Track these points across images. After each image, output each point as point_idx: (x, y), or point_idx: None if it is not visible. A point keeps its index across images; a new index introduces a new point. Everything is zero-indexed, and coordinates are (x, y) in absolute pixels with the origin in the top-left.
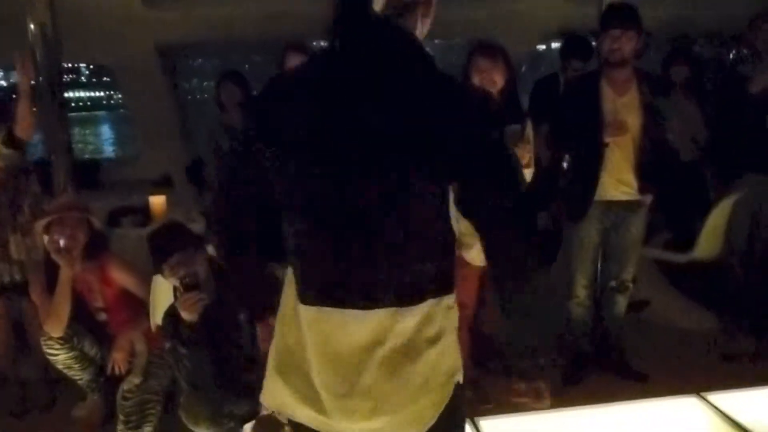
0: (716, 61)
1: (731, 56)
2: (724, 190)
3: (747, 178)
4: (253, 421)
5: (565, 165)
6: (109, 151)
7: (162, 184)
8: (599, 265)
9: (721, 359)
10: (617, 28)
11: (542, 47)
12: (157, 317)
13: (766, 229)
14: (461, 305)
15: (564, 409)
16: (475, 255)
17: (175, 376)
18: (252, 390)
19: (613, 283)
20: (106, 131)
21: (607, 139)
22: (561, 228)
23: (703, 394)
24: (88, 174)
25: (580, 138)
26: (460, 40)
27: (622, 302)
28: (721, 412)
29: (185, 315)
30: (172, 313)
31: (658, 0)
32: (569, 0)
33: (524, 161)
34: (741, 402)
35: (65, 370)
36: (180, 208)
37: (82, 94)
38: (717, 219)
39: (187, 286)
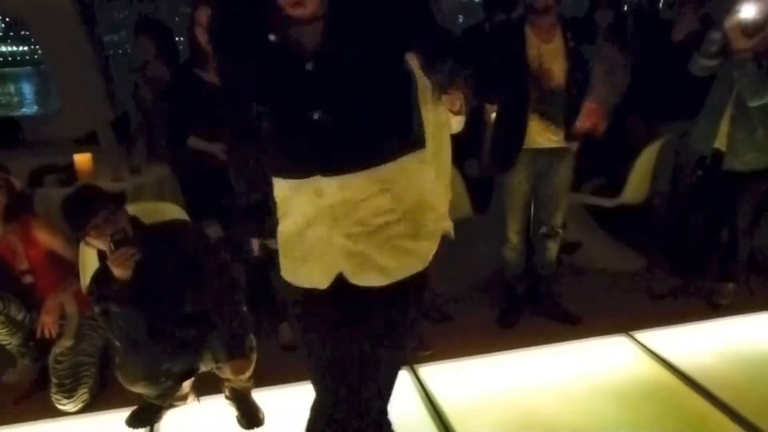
0: (641, 8)
1: (659, 3)
2: (649, 136)
3: (670, 124)
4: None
5: (492, 115)
6: (29, 108)
7: (87, 142)
8: (531, 211)
9: (648, 298)
10: None
11: None
12: (87, 278)
13: (688, 173)
14: None
15: (499, 352)
16: None
17: (108, 338)
18: (187, 347)
19: (543, 229)
20: (26, 88)
21: (532, 89)
22: (491, 175)
23: (631, 332)
24: (7, 133)
25: (507, 86)
26: None
27: (553, 247)
28: (647, 349)
29: (118, 272)
30: (100, 276)
31: None
32: None
33: (455, 108)
34: (665, 338)
35: None
36: (107, 166)
37: None
38: (643, 164)
39: (118, 242)
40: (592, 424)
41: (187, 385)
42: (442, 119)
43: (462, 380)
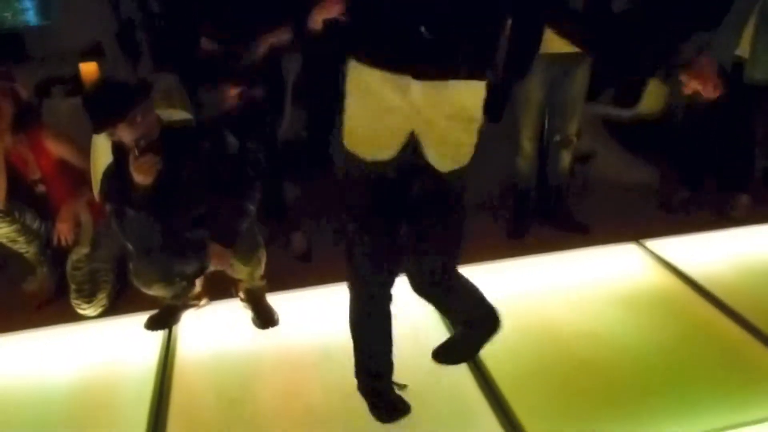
0: None
1: None
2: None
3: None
4: None
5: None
6: (31, 20)
7: (92, 54)
8: (545, 120)
9: (659, 208)
10: None
11: None
12: (98, 173)
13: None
14: None
15: (508, 259)
16: None
17: (122, 244)
18: (198, 247)
19: (557, 138)
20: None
21: None
22: (508, 83)
23: (641, 240)
24: (10, 47)
25: None
26: None
27: (566, 157)
28: (657, 256)
29: (140, 179)
30: (114, 175)
31: None
32: None
33: None
34: (675, 247)
35: (10, 244)
36: (113, 77)
37: None
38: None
39: (143, 149)
40: (599, 328)
41: (199, 284)
42: None
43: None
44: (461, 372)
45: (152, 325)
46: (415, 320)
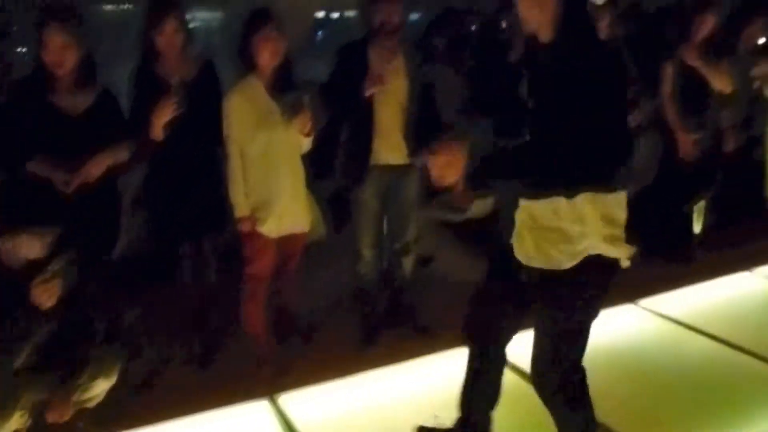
0: (481, 30)
1: (501, 26)
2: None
3: (509, 139)
4: None
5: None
6: None
7: None
8: (385, 227)
9: None
10: (386, 2)
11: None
12: None
13: None
14: (255, 278)
15: (361, 372)
16: (271, 226)
17: None
18: None
19: (396, 246)
20: None
21: (368, 92)
22: (345, 193)
23: None
24: None
25: (352, 105)
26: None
27: (407, 263)
28: None
29: None
30: None
31: None
32: None
33: (305, 130)
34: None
35: None
36: None
37: None
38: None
39: None
40: None
41: None
42: (296, 141)
43: (322, 404)
44: None
45: None
46: None
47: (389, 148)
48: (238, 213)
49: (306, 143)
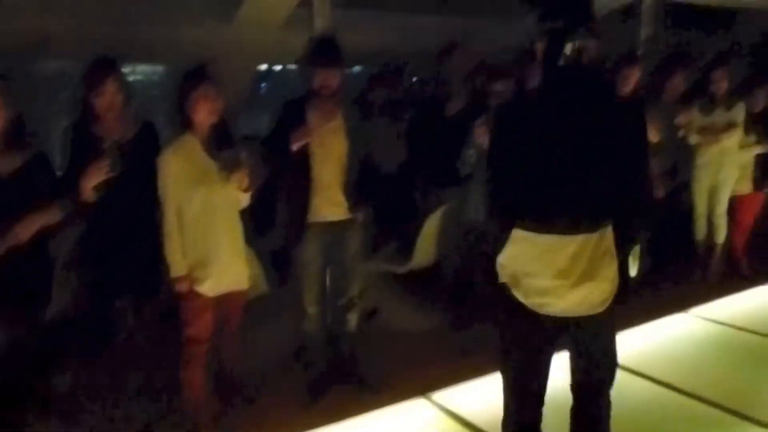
0: (419, 85)
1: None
2: (431, 203)
3: (449, 191)
4: None
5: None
6: None
7: None
8: (328, 282)
9: (446, 356)
10: (325, 67)
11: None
12: None
13: (468, 235)
14: (195, 340)
15: (307, 430)
16: (210, 285)
17: None
18: None
19: (341, 301)
20: None
21: (294, 146)
22: (286, 249)
23: (429, 393)
24: None
25: (291, 163)
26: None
27: (352, 318)
28: (445, 408)
29: None
30: None
31: (363, 31)
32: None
33: (243, 186)
34: (464, 396)
35: None
36: None
37: None
38: (428, 230)
39: None
40: None
41: None
42: (234, 197)
43: None
44: None
45: None
46: None
47: (329, 204)
48: (175, 272)
49: (244, 199)
